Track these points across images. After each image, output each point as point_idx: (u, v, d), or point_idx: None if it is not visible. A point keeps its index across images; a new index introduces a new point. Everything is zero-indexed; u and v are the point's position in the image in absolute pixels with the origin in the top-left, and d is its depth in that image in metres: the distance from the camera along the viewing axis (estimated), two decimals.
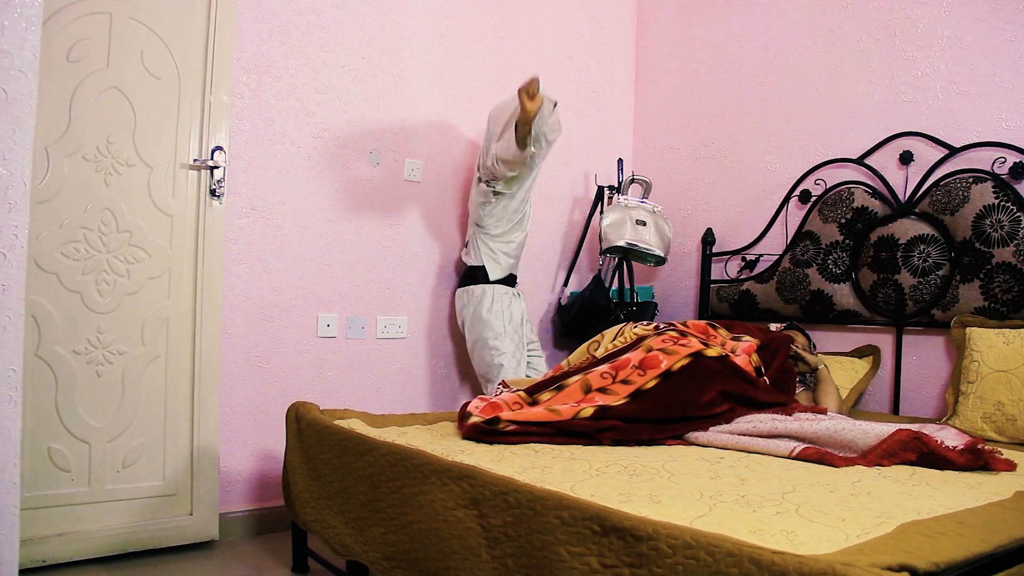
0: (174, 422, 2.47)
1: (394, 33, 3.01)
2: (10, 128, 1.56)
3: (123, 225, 2.37)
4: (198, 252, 2.50)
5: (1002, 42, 2.57)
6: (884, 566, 0.99)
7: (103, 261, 2.34)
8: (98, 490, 2.33)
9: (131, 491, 2.39)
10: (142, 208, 2.41)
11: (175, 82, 2.47)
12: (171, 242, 2.46)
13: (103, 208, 2.34)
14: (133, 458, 2.39)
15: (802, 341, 2.69)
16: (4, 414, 1.56)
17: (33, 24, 1.59)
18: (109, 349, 2.35)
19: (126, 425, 2.38)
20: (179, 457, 2.48)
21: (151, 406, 2.43)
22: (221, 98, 2.53)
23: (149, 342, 2.42)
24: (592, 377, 2.21)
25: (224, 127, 2.55)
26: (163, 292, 2.45)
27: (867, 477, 1.63)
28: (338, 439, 1.98)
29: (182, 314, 2.48)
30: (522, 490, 1.41)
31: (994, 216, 2.48)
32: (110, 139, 2.35)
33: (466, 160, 3.24)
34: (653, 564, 1.15)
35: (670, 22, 3.75)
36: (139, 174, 2.41)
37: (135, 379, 2.40)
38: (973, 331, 2.47)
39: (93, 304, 2.32)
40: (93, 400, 2.32)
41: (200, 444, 2.50)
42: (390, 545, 1.70)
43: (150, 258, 2.43)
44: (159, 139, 2.44)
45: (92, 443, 2.32)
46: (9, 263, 1.56)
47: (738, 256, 3.32)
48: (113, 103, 2.35)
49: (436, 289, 3.17)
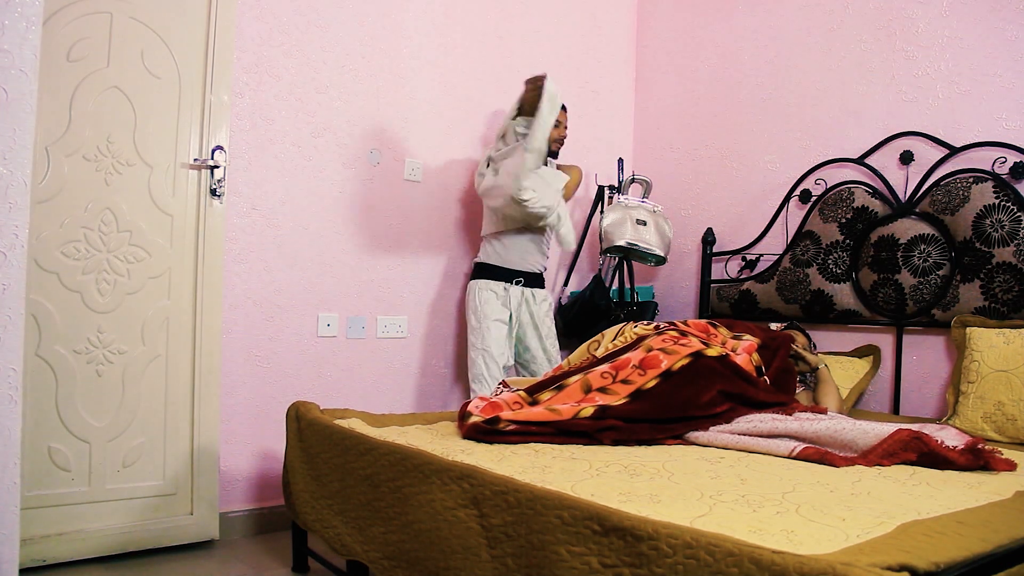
0: (174, 422, 2.46)
1: (394, 33, 3.02)
2: (10, 128, 1.56)
3: (123, 225, 2.37)
4: (198, 252, 2.50)
5: (1002, 42, 2.57)
6: (884, 566, 0.99)
7: (103, 261, 2.34)
8: (98, 489, 2.33)
9: (131, 491, 2.38)
10: (142, 208, 2.41)
11: (175, 82, 2.46)
12: (171, 242, 2.46)
13: (103, 208, 2.33)
14: (133, 458, 2.39)
15: (802, 341, 2.69)
16: (4, 414, 1.56)
17: (33, 24, 1.59)
18: (109, 349, 2.35)
19: (126, 425, 2.38)
20: (179, 457, 2.47)
21: (151, 406, 2.42)
22: (221, 97, 2.52)
23: (149, 342, 2.42)
24: (592, 377, 2.21)
25: (224, 127, 2.54)
26: (163, 292, 2.45)
27: (867, 477, 1.63)
28: (338, 439, 1.98)
29: (182, 314, 2.47)
30: (522, 490, 1.41)
31: (994, 216, 2.48)
32: (110, 139, 2.35)
33: (466, 159, 3.24)
34: (653, 564, 1.15)
35: (670, 22, 3.75)
36: (139, 174, 2.40)
37: (135, 379, 2.39)
38: (973, 331, 2.47)
39: (93, 304, 2.32)
40: (93, 400, 2.32)
41: (200, 444, 2.49)
42: (390, 545, 1.70)
43: (150, 258, 2.42)
44: (160, 139, 2.44)
45: (92, 442, 2.32)
46: (9, 263, 1.57)
47: (738, 256, 3.32)
48: (113, 103, 2.35)
49: (437, 288, 3.17)
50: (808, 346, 2.71)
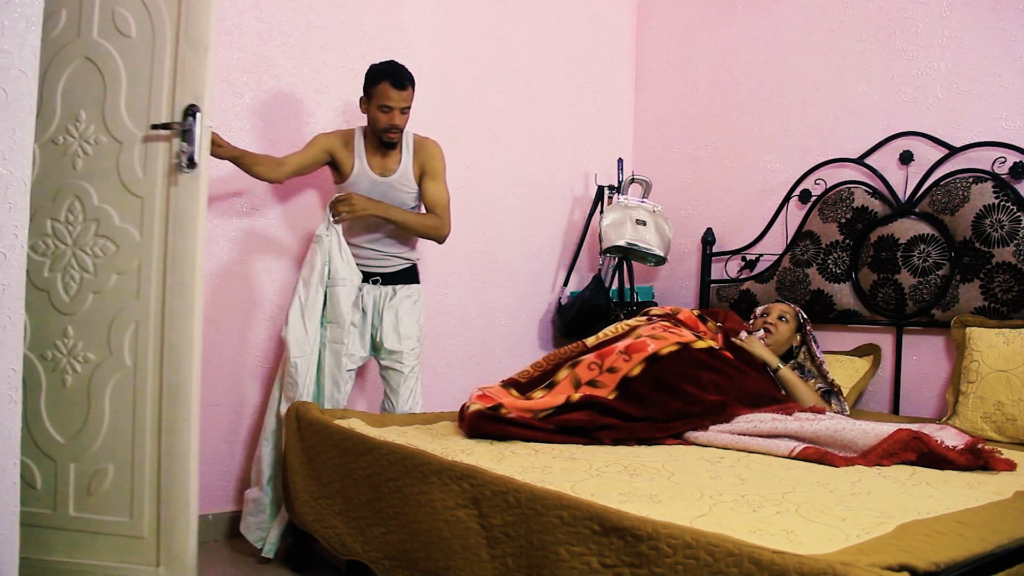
0: (142, 448, 1.96)
1: (394, 33, 3.01)
2: (10, 128, 1.56)
3: (91, 213, 1.99)
4: (167, 242, 1.97)
5: (1002, 42, 2.57)
6: (884, 565, 0.99)
7: (69, 255, 2.00)
8: (63, 515, 1.97)
9: (97, 524, 1.96)
10: (110, 191, 1.99)
11: (149, 39, 1.99)
12: (141, 230, 1.98)
13: (71, 195, 1.99)
14: (98, 485, 1.97)
15: (779, 311, 2.67)
16: (4, 414, 1.56)
17: (33, 24, 1.59)
18: (75, 356, 1.99)
19: (90, 445, 1.97)
20: (149, 492, 1.96)
21: (118, 426, 1.97)
22: (196, 47, 1.95)
23: (116, 349, 1.98)
24: (580, 370, 2.23)
25: (206, 83, 1.95)
26: (132, 290, 1.98)
27: (867, 477, 1.63)
28: (338, 439, 1.98)
29: (153, 317, 1.98)
30: (522, 490, 1.42)
31: (994, 216, 2.48)
32: (79, 117, 2.00)
33: (467, 159, 3.24)
34: (653, 564, 1.15)
35: (670, 22, 3.75)
36: (108, 151, 1.99)
37: (101, 392, 1.97)
38: (973, 331, 2.47)
39: (60, 304, 1.99)
40: (60, 412, 1.98)
41: (168, 482, 1.93)
42: (391, 545, 1.70)
43: (118, 250, 1.98)
44: (131, 108, 1.99)
45: (58, 460, 1.98)
46: (9, 263, 1.57)
47: (738, 256, 3.32)
48: (83, 76, 1.99)
49: (435, 288, 3.16)
50: (799, 323, 2.68)
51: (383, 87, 2.44)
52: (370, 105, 2.48)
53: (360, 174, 2.53)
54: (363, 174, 2.53)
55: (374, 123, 2.49)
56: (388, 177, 2.56)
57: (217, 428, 2.59)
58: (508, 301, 3.40)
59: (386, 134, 2.49)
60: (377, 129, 2.49)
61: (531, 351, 3.43)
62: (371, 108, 2.48)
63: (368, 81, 2.48)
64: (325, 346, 2.43)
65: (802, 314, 2.71)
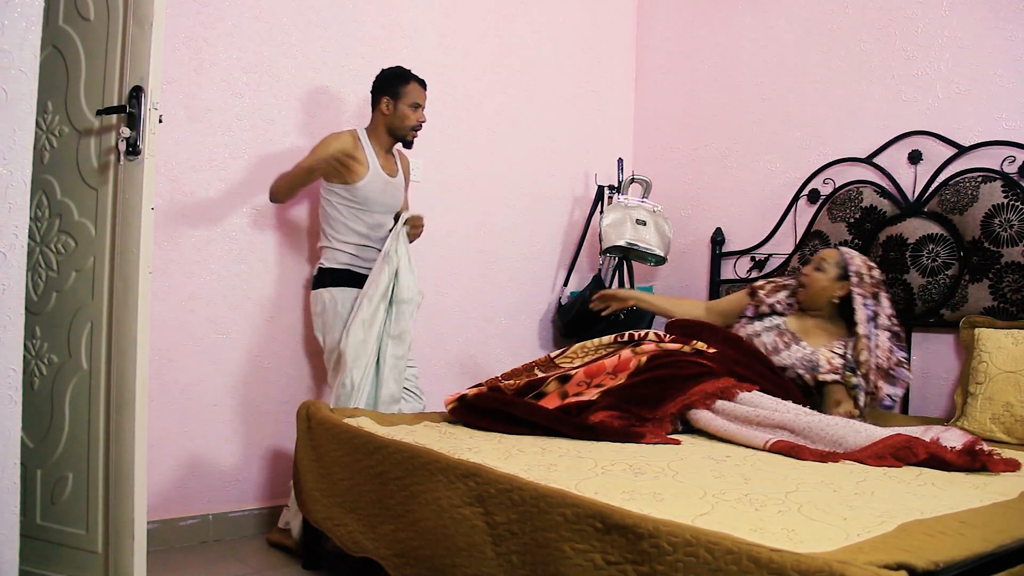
0: (96, 457, 1.83)
1: (394, 33, 3.02)
2: (10, 128, 1.57)
3: (55, 208, 1.92)
4: (115, 235, 1.82)
5: (1002, 42, 2.57)
6: (882, 564, 0.99)
7: (37, 252, 1.92)
8: (31, 523, 1.85)
9: (59, 535, 1.85)
10: (71, 183, 1.89)
11: (104, 20, 1.84)
12: (95, 224, 1.86)
13: (39, 190, 1.91)
14: (59, 494, 1.86)
15: (819, 258, 2.53)
16: (4, 414, 1.55)
17: (33, 24, 1.59)
18: (41, 357, 1.91)
19: (53, 451, 1.88)
20: (102, 505, 1.82)
21: (76, 434, 1.86)
22: (142, 22, 1.77)
23: (75, 351, 1.86)
24: (569, 387, 2.30)
25: (151, 61, 1.75)
26: (88, 289, 1.85)
27: (872, 477, 1.63)
28: (347, 438, 1.99)
29: (105, 317, 1.84)
30: (527, 488, 1.42)
31: (1003, 215, 2.47)
32: (47, 108, 1.92)
33: (466, 159, 3.24)
34: (655, 561, 1.16)
35: (670, 22, 3.75)
36: (70, 142, 1.90)
37: (62, 396, 1.88)
38: (982, 331, 2.45)
39: (30, 303, 1.84)
40: (28, 415, 1.80)
41: (116, 496, 1.77)
42: (400, 542, 1.71)
43: (76, 246, 1.88)
44: (89, 94, 1.87)
45: (28, 466, 1.84)
46: (9, 263, 1.57)
47: (747, 255, 3.31)
48: (51, 65, 1.89)
49: (435, 288, 3.16)
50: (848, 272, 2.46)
51: (414, 86, 2.53)
52: (398, 103, 2.53)
53: (375, 175, 2.55)
54: (378, 175, 2.56)
55: (402, 120, 2.53)
56: (394, 178, 2.61)
57: (217, 428, 2.59)
58: (508, 301, 3.40)
59: (413, 132, 2.56)
60: (404, 126, 2.55)
61: (531, 351, 3.43)
62: (400, 106, 2.53)
63: (394, 81, 2.54)
64: (385, 361, 2.46)
65: (854, 262, 2.49)
